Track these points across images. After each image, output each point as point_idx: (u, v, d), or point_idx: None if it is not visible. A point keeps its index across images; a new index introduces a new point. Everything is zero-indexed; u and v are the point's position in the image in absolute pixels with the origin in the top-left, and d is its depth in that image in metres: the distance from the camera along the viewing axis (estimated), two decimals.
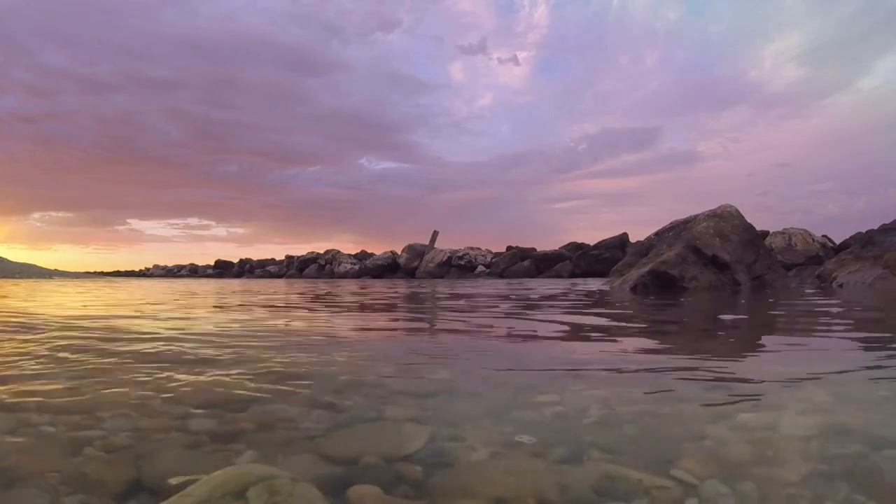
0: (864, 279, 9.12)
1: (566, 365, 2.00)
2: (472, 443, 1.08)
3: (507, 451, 1.05)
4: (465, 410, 1.36)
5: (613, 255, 22.02)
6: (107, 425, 1.19)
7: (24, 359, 2.05)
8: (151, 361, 2.01)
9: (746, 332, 3.23)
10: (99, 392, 1.50)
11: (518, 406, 1.37)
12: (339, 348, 2.39)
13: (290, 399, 1.43)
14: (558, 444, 1.08)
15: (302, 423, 1.23)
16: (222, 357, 2.10)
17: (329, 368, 1.88)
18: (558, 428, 1.20)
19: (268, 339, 2.73)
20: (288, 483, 0.86)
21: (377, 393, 1.52)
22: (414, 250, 32.92)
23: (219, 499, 0.81)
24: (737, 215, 9.76)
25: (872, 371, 1.83)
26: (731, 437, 1.13)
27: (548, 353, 2.41)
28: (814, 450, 1.06)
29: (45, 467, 0.97)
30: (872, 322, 3.80)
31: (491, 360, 2.11)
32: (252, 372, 1.78)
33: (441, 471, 0.96)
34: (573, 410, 1.33)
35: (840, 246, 17.37)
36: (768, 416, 1.28)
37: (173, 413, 1.30)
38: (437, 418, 1.27)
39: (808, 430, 1.17)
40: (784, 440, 1.11)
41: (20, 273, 32.91)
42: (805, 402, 1.42)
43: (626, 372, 1.85)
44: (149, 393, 1.49)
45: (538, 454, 1.03)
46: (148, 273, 51.09)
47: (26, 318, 3.82)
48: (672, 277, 8.71)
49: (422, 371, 1.85)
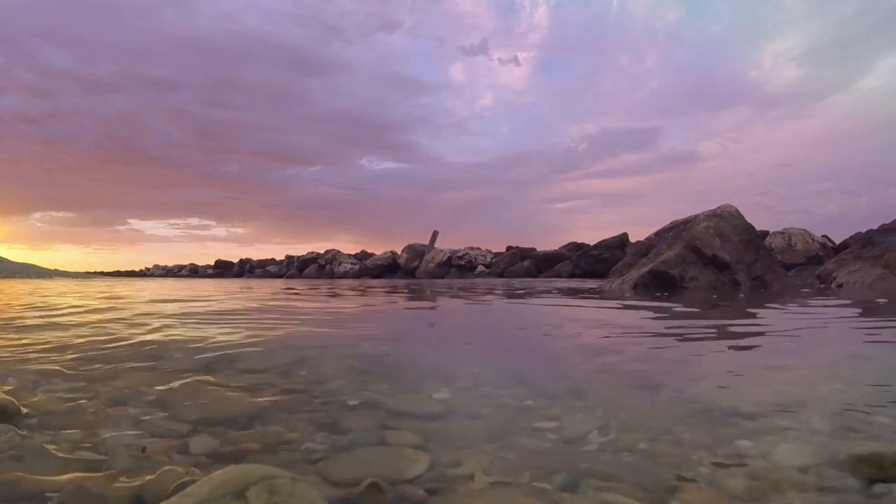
0: (864, 279, 9.12)
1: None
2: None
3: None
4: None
5: (613, 255, 21.99)
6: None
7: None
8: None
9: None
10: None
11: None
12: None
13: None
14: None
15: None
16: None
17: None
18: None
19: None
20: (288, 483, 0.87)
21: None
22: (414, 250, 32.92)
23: (219, 498, 0.82)
24: (737, 215, 9.76)
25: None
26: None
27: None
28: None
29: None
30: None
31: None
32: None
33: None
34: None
35: (840, 246, 17.36)
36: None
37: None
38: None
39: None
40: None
41: (20, 273, 32.92)
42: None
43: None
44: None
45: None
46: (148, 273, 51.06)
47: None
48: (672, 277, 8.71)
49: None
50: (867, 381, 1.75)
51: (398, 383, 1.74)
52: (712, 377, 1.81)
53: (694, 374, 1.91)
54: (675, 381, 1.74)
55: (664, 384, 1.66)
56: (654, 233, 11.59)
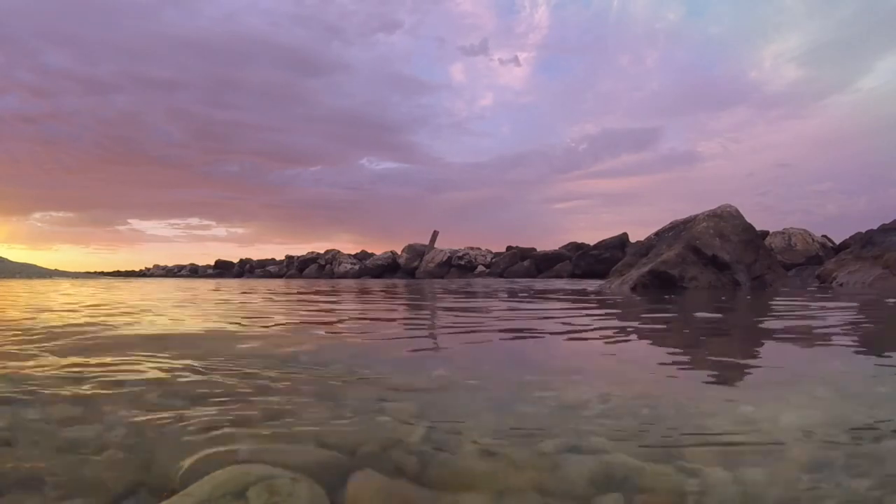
0: (864, 279, 9.13)
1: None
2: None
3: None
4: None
5: (613, 255, 22.01)
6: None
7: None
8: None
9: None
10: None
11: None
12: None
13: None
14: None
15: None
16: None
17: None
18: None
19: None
20: (288, 483, 0.87)
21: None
22: (414, 250, 32.94)
23: (219, 498, 0.82)
24: (737, 215, 9.77)
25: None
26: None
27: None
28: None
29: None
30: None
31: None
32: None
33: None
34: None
35: (840, 246, 17.37)
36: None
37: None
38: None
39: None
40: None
41: (20, 273, 32.93)
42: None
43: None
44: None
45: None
46: (148, 273, 51.10)
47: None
48: (672, 277, 8.71)
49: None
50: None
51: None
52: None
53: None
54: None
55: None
56: (654, 233, 11.59)
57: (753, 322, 3.77)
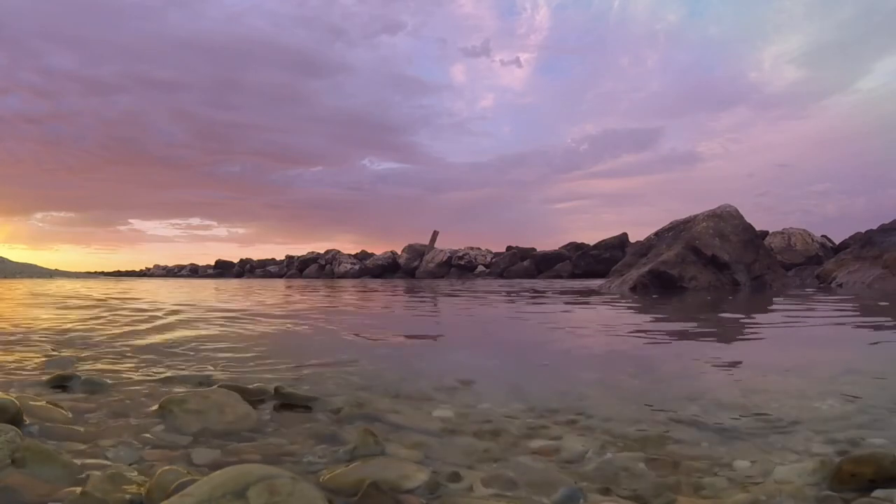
0: (864, 279, 9.13)
1: None
2: None
3: None
4: None
5: (613, 256, 22.00)
6: None
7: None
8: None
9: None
10: None
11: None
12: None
13: None
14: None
15: None
16: None
17: None
18: None
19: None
20: (288, 483, 0.87)
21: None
22: (414, 250, 32.90)
23: (219, 498, 0.82)
24: (736, 215, 9.76)
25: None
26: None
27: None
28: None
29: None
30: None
31: None
32: None
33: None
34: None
35: (839, 246, 17.36)
36: None
37: None
38: None
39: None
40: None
41: (21, 273, 32.92)
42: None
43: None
44: None
45: None
46: (148, 273, 51.03)
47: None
48: (672, 277, 8.72)
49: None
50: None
51: None
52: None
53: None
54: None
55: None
56: (653, 233, 11.58)
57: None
